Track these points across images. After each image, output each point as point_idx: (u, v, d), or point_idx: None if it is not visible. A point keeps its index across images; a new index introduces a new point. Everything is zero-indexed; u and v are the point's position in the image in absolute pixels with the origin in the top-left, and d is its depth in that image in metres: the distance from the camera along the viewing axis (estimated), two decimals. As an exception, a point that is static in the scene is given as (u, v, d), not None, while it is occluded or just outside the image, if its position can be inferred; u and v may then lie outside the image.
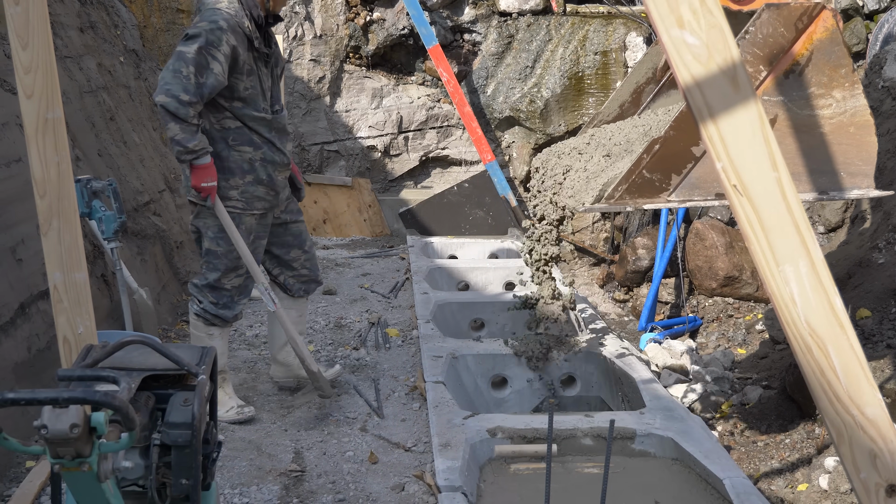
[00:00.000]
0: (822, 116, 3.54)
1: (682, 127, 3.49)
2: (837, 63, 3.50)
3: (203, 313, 3.99)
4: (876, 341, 4.30)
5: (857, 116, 3.50)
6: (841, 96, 3.51)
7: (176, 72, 3.55)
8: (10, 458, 3.48)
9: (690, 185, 3.57)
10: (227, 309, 4.00)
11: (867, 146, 3.51)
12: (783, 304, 2.11)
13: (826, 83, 3.52)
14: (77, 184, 4.09)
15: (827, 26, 3.46)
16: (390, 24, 8.44)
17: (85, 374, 1.84)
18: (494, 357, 4.74)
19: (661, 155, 3.51)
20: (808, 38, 3.50)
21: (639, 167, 3.54)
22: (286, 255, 4.21)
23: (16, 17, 2.74)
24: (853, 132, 3.50)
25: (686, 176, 3.55)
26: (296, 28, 8.25)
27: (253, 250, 3.97)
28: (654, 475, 3.56)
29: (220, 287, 3.96)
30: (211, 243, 3.93)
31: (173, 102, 3.54)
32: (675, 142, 3.50)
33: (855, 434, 2.08)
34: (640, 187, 3.56)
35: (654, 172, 3.54)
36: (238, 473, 3.53)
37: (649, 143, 3.54)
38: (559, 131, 8.45)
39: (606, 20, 8.40)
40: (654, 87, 4.55)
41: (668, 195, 3.58)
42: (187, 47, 3.58)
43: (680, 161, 3.54)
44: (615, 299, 7.08)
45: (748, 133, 2.10)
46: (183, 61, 3.55)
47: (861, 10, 7.95)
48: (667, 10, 2.09)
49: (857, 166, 3.51)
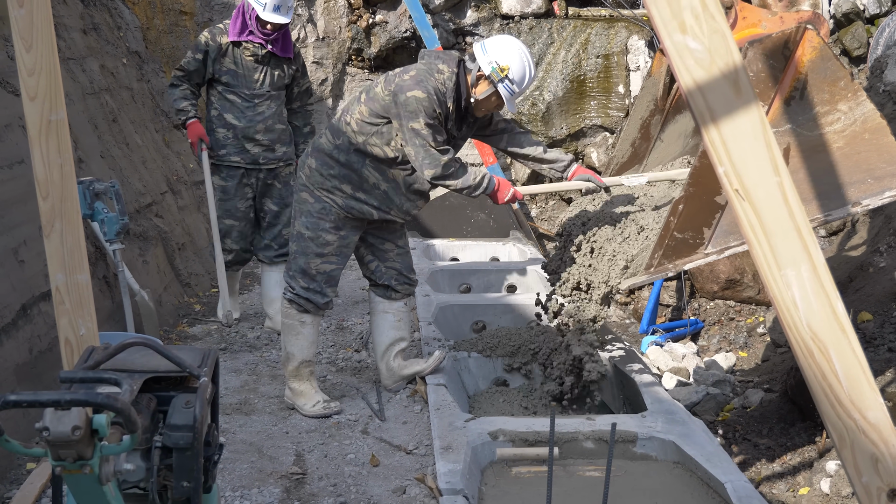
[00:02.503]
0: (834, 132, 3.52)
1: (700, 181, 3.48)
2: (834, 77, 3.49)
3: (296, 298, 4.13)
4: (877, 345, 4.30)
5: (869, 122, 3.49)
6: (847, 107, 3.50)
7: (425, 148, 3.85)
8: (11, 460, 3.48)
9: (724, 233, 3.56)
10: (319, 294, 4.12)
11: (887, 147, 3.48)
12: (785, 308, 2.11)
13: (829, 99, 3.51)
14: (79, 185, 4.10)
15: (814, 45, 3.45)
16: (393, 27, 8.45)
17: (87, 376, 1.84)
18: (495, 361, 4.75)
19: (687, 213, 3.52)
20: (799, 62, 3.49)
21: (669, 230, 3.55)
22: (381, 245, 4.31)
23: (20, 19, 2.75)
24: (868, 138, 3.48)
25: (717, 226, 3.55)
26: (298, 30, 8.27)
27: (341, 237, 4.11)
28: (655, 479, 3.56)
29: (310, 272, 4.09)
30: (302, 226, 4.09)
31: (440, 171, 3.87)
32: (697, 197, 3.51)
33: (857, 438, 2.08)
34: (675, 249, 3.57)
35: (685, 231, 3.55)
36: (239, 476, 3.53)
37: (672, 205, 3.54)
38: (561, 134, 8.46)
39: (608, 23, 8.41)
40: (659, 118, 4.56)
41: (705, 249, 3.58)
42: (417, 124, 3.83)
43: (707, 214, 3.54)
44: (616, 302, 7.08)
45: (750, 137, 2.10)
46: (421, 137, 3.84)
47: (862, 14, 7.95)
48: (669, 15, 2.10)
49: (883, 169, 3.48)
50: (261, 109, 5.12)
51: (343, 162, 4.01)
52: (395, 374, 4.44)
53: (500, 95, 3.88)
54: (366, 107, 3.96)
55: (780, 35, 3.44)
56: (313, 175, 4.06)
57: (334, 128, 4.07)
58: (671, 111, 4.51)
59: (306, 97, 5.40)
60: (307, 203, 4.08)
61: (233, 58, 5.05)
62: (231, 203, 5.23)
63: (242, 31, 4.99)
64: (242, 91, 5.09)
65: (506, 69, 3.82)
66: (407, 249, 4.42)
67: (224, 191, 5.22)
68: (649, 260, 3.64)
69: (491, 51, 3.86)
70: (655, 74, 4.54)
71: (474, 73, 3.89)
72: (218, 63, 5.05)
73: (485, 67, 3.85)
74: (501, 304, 5.63)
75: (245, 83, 5.07)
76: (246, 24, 4.98)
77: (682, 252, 3.58)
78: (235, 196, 5.22)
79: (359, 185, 4.03)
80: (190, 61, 5.08)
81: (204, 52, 5.04)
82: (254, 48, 5.02)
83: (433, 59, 3.94)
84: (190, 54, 5.10)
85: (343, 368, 4.86)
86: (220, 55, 5.04)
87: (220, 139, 5.15)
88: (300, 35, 8.29)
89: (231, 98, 5.10)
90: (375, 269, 4.35)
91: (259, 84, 5.09)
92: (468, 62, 3.94)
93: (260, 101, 5.12)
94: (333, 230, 4.08)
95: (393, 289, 4.36)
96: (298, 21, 8.27)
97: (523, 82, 3.88)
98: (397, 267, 4.35)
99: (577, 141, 8.55)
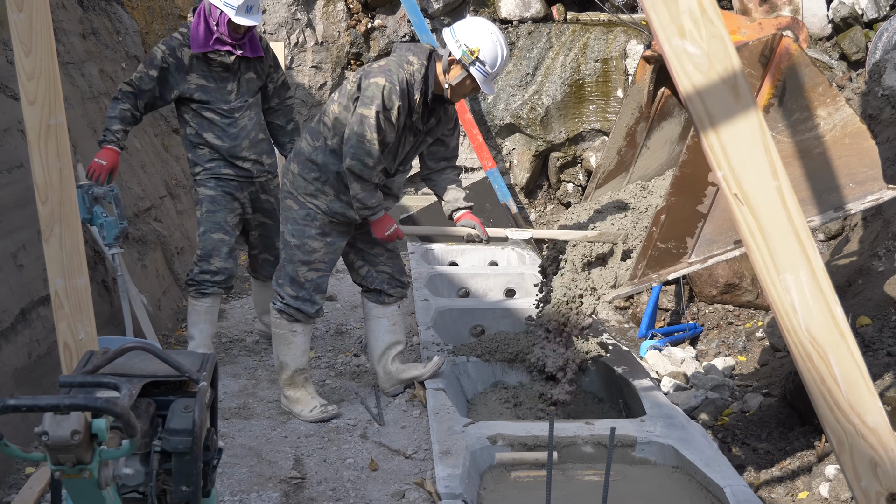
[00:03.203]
0: (815, 137, 3.54)
1: (681, 190, 3.52)
2: (812, 83, 3.51)
3: (286, 308, 4.11)
4: (876, 349, 4.30)
5: (848, 127, 3.51)
6: (826, 113, 3.52)
7: (360, 137, 3.77)
8: (10, 465, 3.47)
9: (707, 242, 3.59)
10: (309, 303, 4.11)
11: (867, 151, 3.51)
12: (784, 312, 2.12)
13: (807, 105, 3.53)
14: (79, 189, 4.10)
15: (791, 52, 3.47)
16: (391, 31, 8.46)
17: (86, 381, 1.84)
18: (493, 365, 4.75)
19: (670, 223, 3.55)
20: (776, 69, 3.50)
21: (652, 240, 3.57)
22: (370, 250, 4.30)
23: (19, 23, 2.75)
24: (849, 143, 3.51)
25: (700, 234, 3.57)
26: (297, 35, 8.28)
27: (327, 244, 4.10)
28: (654, 483, 3.56)
29: (298, 280, 4.08)
30: (288, 234, 4.08)
31: (358, 166, 3.79)
32: (679, 207, 3.54)
33: (856, 442, 2.08)
34: (658, 259, 3.60)
35: (668, 241, 3.57)
36: (238, 480, 3.52)
37: (655, 216, 3.56)
38: (560, 138, 8.46)
39: (607, 28, 8.42)
40: (644, 125, 4.59)
41: (689, 258, 3.60)
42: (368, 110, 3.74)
43: (689, 223, 3.57)
44: (615, 306, 7.08)
45: (749, 142, 2.11)
46: (365, 126, 3.75)
47: (861, 18, 7.97)
48: (668, 20, 2.10)
49: (864, 173, 3.51)
50: (242, 123, 4.60)
51: (321, 164, 3.99)
52: (392, 378, 4.44)
53: (475, 79, 3.82)
54: (338, 105, 3.94)
55: (756, 43, 3.45)
56: (296, 180, 4.05)
57: (313, 130, 4.05)
58: (656, 118, 4.53)
59: (284, 91, 4.84)
60: (292, 210, 4.07)
61: (200, 72, 4.48)
62: (221, 215, 4.61)
63: (208, 40, 4.42)
64: (219, 107, 4.53)
65: (476, 51, 3.76)
66: (397, 252, 4.41)
67: (213, 201, 4.61)
68: (633, 270, 3.66)
69: (460, 34, 3.81)
70: (639, 82, 4.56)
71: (445, 59, 3.84)
72: (183, 82, 4.46)
73: (455, 51, 3.79)
74: (500, 309, 5.63)
75: (220, 97, 4.53)
76: (211, 31, 4.41)
77: (666, 262, 3.61)
78: (225, 207, 4.63)
79: (339, 187, 4.00)
80: (143, 77, 4.41)
81: (160, 69, 4.41)
82: (222, 57, 4.47)
83: (404, 52, 3.92)
84: (143, 69, 4.42)
85: (342, 373, 4.86)
86: (184, 72, 4.45)
87: (204, 155, 4.61)
88: (299, 39, 8.30)
89: (208, 116, 4.53)
90: (366, 274, 4.34)
91: (235, 95, 4.56)
92: (439, 49, 3.90)
93: (241, 113, 4.60)
94: (319, 237, 4.06)
95: (385, 293, 4.36)
96: (297, 25, 8.28)
97: (496, 63, 3.81)
98: (388, 271, 4.34)
99: (576, 145, 8.56)
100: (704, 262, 3.62)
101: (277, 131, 4.91)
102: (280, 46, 7.84)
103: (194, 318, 4.65)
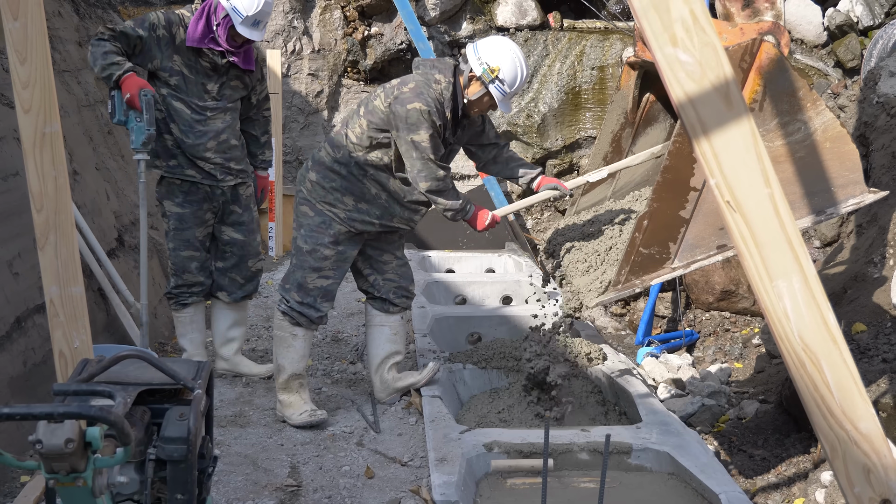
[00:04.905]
0: (796, 142, 3.56)
1: (664, 196, 3.54)
2: (792, 88, 3.53)
3: (289, 311, 4.15)
4: (871, 356, 4.30)
5: (829, 131, 3.53)
6: (806, 117, 3.53)
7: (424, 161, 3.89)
8: (5, 473, 3.47)
9: (689, 247, 3.60)
10: (313, 309, 4.14)
11: (848, 155, 3.53)
12: (777, 319, 2.12)
13: (788, 110, 3.55)
14: (117, 93, 4.05)
15: (771, 57, 3.48)
16: (388, 39, 8.48)
17: (81, 389, 1.84)
18: (490, 373, 4.75)
19: (652, 228, 3.56)
20: (756, 74, 3.52)
21: (635, 246, 3.58)
22: (379, 257, 4.32)
23: (14, 32, 2.76)
24: (830, 147, 3.53)
25: (682, 239, 3.58)
26: (294, 42, 8.29)
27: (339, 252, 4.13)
28: (650, 490, 3.56)
29: (306, 286, 4.11)
30: (301, 240, 4.12)
31: (435, 185, 3.93)
32: (661, 212, 3.55)
33: (849, 449, 2.09)
34: (641, 265, 3.61)
35: (651, 246, 3.59)
36: (234, 488, 3.52)
37: (637, 221, 3.58)
38: (556, 146, 8.48)
39: (603, 35, 8.45)
40: (630, 131, 4.61)
41: (671, 263, 3.61)
42: (418, 136, 3.85)
43: (671, 228, 3.58)
44: (612, 313, 7.08)
45: (741, 149, 2.12)
46: (421, 150, 3.87)
47: (856, 26, 8.01)
48: (660, 28, 2.11)
49: (845, 177, 3.52)
50: (214, 125, 4.38)
51: (344, 174, 4.05)
52: (388, 387, 4.44)
53: (493, 96, 3.90)
54: (365, 120, 3.99)
55: (736, 48, 3.47)
56: (315, 189, 4.09)
57: (333, 141, 4.11)
58: (641, 124, 4.56)
59: (264, 104, 4.69)
60: (307, 216, 4.11)
61: (185, 60, 4.28)
62: (189, 232, 4.46)
63: (204, 37, 4.25)
64: (193, 101, 4.32)
65: (496, 70, 3.84)
66: (405, 261, 4.44)
67: (181, 219, 4.44)
68: (616, 276, 3.67)
69: (482, 52, 3.89)
70: (624, 87, 4.59)
71: (466, 74, 3.93)
72: (167, 59, 4.25)
73: (476, 69, 3.87)
74: (497, 316, 5.63)
75: (196, 92, 4.32)
76: (210, 29, 4.26)
77: (649, 267, 3.61)
78: (194, 225, 4.47)
79: (360, 196, 4.07)
80: (126, 29, 4.18)
81: (149, 33, 4.20)
82: (213, 56, 4.30)
83: (429, 69, 3.96)
84: (130, 24, 4.20)
85: (338, 380, 4.86)
86: (172, 51, 4.25)
87: (168, 147, 4.36)
88: (296, 47, 8.31)
89: (178, 107, 4.31)
90: (374, 282, 4.35)
91: (213, 95, 4.37)
92: (461, 64, 3.97)
93: (214, 114, 4.38)
94: (332, 245, 4.10)
95: (391, 302, 4.37)
96: (294, 33, 8.29)
97: (515, 83, 3.89)
98: (396, 280, 4.36)
99: (573, 152, 8.58)
100: (687, 267, 3.63)
101: (251, 141, 4.73)
102: (276, 54, 7.84)
103: (181, 329, 4.69)
